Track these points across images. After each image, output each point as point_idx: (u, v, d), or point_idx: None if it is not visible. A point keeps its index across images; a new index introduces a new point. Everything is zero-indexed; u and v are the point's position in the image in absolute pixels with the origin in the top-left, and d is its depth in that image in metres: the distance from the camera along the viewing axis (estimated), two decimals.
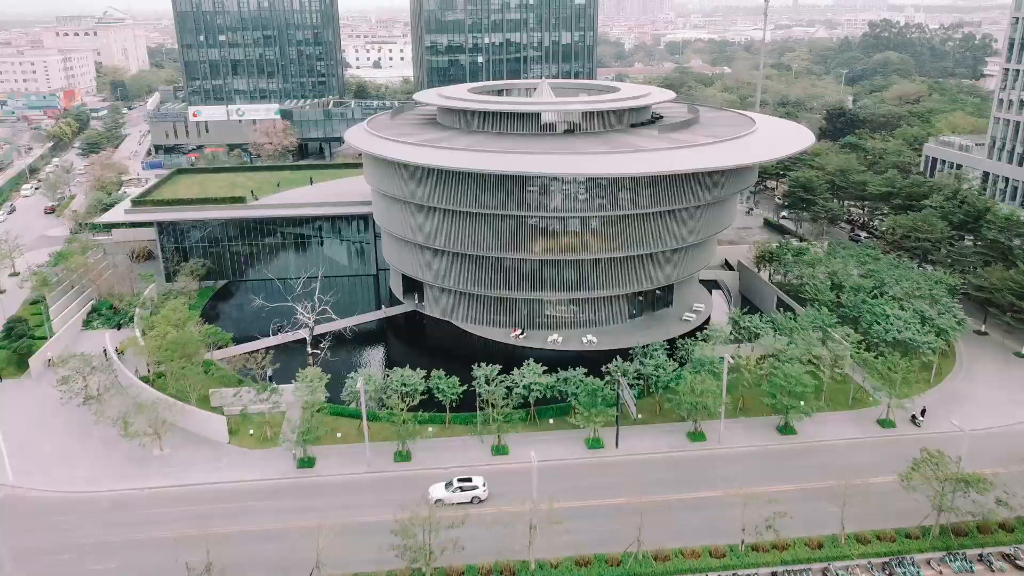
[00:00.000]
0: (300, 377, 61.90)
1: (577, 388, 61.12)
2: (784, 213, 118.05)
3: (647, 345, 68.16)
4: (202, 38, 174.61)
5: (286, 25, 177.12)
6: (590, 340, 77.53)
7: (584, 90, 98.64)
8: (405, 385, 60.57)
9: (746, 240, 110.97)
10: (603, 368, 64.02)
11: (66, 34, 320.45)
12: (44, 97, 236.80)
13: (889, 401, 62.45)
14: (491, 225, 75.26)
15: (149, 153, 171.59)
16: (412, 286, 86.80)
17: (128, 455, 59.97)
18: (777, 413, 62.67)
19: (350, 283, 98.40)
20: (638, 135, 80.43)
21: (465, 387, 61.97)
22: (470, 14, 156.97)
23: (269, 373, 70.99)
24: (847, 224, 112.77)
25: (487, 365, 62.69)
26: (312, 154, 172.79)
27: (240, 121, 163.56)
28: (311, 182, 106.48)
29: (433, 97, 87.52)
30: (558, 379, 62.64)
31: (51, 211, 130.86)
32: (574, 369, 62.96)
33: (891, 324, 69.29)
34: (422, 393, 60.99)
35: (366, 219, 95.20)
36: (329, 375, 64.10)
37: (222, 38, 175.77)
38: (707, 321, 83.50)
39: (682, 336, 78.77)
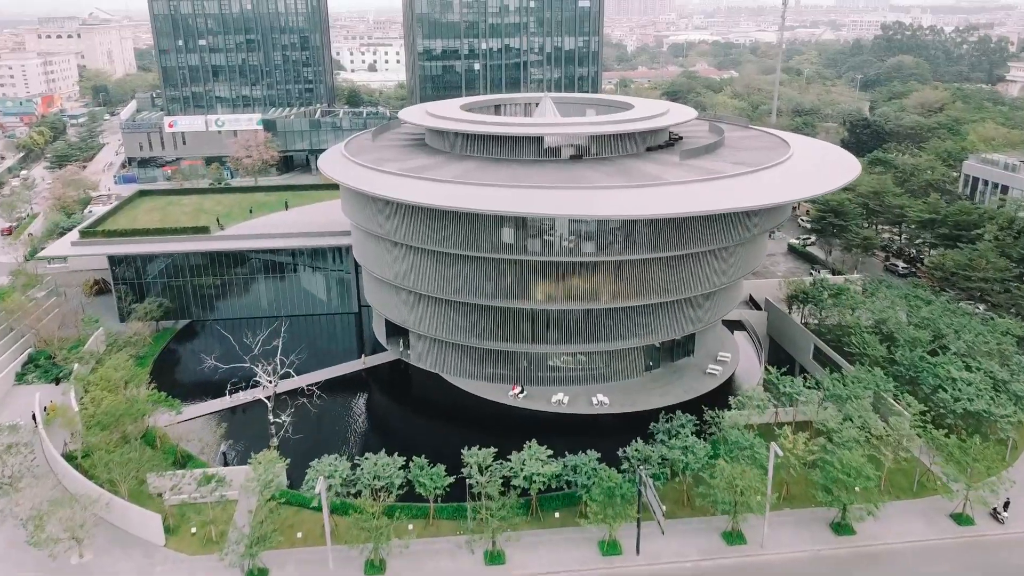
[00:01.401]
0: (253, 463, 50.99)
1: (589, 479, 50.20)
2: (811, 238, 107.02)
3: (669, 416, 57.24)
4: (180, 42, 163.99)
5: (270, 28, 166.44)
6: (601, 401, 66.58)
7: (591, 106, 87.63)
8: (378, 479, 49.60)
9: (769, 269, 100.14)
10: (620, 452, 53.09)
11: (48, 36, 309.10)
12: (20, 103, 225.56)
13: (966, 492, 51.61)
14: (486, 269, 64.40)
15: (124, 166, 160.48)
16: (397, 329, 75.81)
17: (40, 562, 48.99)
18: (830, 505, 51.78)
19: (328, 322, 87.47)
20: (656, 162, 69.47)
21: (454, 478, 50.95)
22: (466, 17, 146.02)
23: (223, 448, 60.22)
24: (881, 251, 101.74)
25: (480, 449, 51.63)
26: (298, 166, 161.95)
27: (219, 132, 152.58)
28: (286, 207, 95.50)
29: (420, 116, 76.52)
30: (565, 467, 51.70)
31: (8, 232, 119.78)
32: (581, 438, 52.40)
33: (959, 391, 58.38)
34: (400, 487, 50.02)
35: (347, 250, 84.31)
36: (288, 459, 53.30)
37: (202, 42, 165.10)
38: (734, 374, 72.83)
39: (708, 395, 68.36)
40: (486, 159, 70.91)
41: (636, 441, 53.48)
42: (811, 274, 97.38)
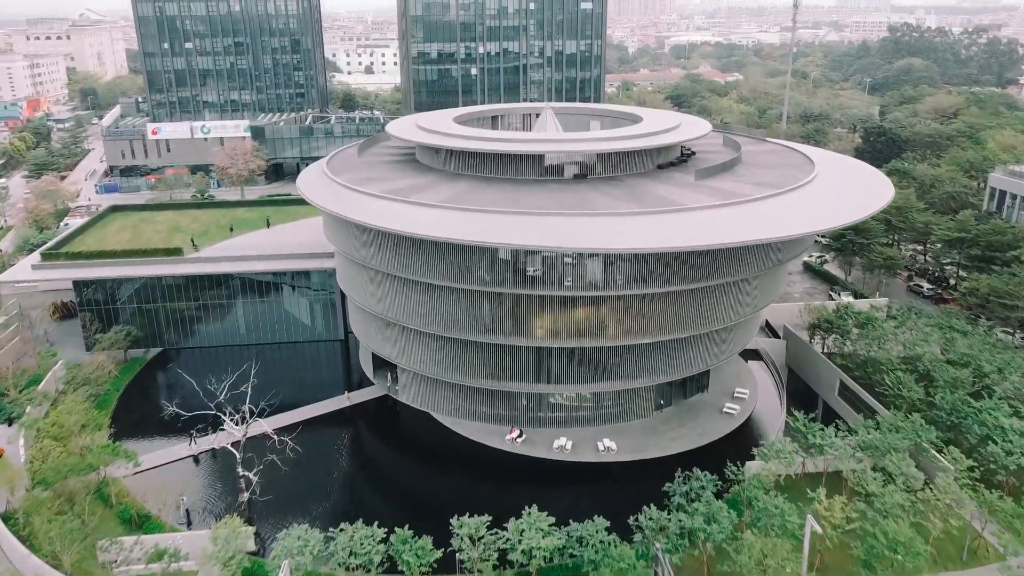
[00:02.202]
0: (214, 533, 44.62)
1: (597, 554, 43.84)
2: (826, 257, 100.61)
3: (687, 475, 50.84)
4: (166, 45, 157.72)
5: (260, 31, 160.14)
6: (608, 447, 60.13)
7: (595, 117, 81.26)
8: (355, 555, 43.19)
9: (786, 290, 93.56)
10: (632, 521, 46.71)
11: (38, 37, 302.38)
12: (5, 107, 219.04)
13: None
14: (481, 302, 58.02)
15: (107, 175, 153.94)
16: (385, 361, 69.35)
17: None
18: None
19: (312, 351, 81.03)
20: (669, 182, 63.07)
21: (442, 551, 44.55)
22: (462, 20, 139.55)
23: (184, 504, 53.79)
24: (904, 270, 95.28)
25: (471, 517, 45.24)
26: (288, 174, 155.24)
27: (206, 139, 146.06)
28: (268, 225, 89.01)
29: (409, 130, 70.05)
30: (569, 537, 45.32)
31: None
32: (587, 490, 47.01)
33: (1011, 442, 51.99)
34: (380, 564, 43.62)
35: (332, 273, 77.89)
36: (255, 526, 46.99)
37: (189, 45, 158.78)
38: (753, 413, 66.50)
39: (726, 439, 62.02)
40: (481, 178, 64.53)
41: (649, 508, 46.98)
42: (831, 296, 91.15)
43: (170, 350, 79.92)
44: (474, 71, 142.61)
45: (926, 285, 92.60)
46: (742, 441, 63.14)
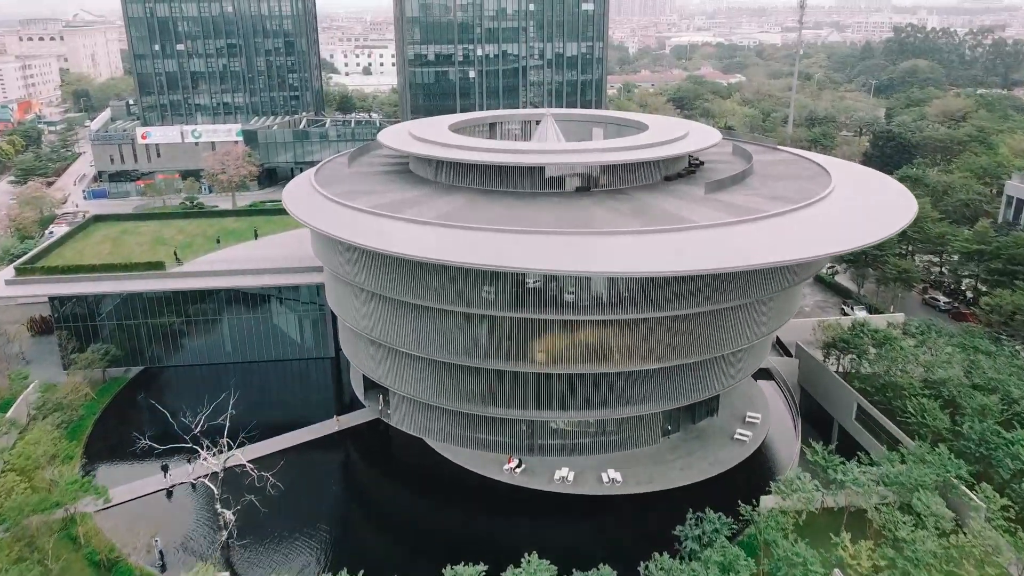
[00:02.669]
0: None
1: None
2: (837, 268, 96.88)
3: (699, 517, 47.08)
4: (157, 47, 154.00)
5: (253, 32, 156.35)
6: (612, 479, 56.40)
7: (598, 124, 77.57)
8: None
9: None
10: (642, 569, 42.98)
11: (31, 38, 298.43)
12: None
13: None
14: (476, 326, 54.32)
15: (96, 180, 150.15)
16: (377, 383, 65.62)
17: None
18: None
19: (301, 369, 77.30)
20: (677, 195, 59.35)
21: None
22: (460, 21, 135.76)
23: (158, 546, 50.05)
24: (920, 282, 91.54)
25: (465, 566, 41.50)
26: (282, 179, 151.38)
27: (196, 144, 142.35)
28: (256, 235, 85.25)
29: (402, 140, 66.32)
30: None
31: None
32: (590, 526, 45.19)
33: None
34: None
35: (321, 287, 74.16)
36: (229, 573, 43.26)
37: (180, 47, 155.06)
38: (766, 439, 62.81)
39: (738, 468, 58.37)
40: (478, 191, 60.83)
41: (661, 555, 43.22)
42: (843, 311, 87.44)
43: (152, 368, 76.16)
44: (472, 74, 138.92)
45: (942, 298, 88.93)
46: (755, 470, 59.61)
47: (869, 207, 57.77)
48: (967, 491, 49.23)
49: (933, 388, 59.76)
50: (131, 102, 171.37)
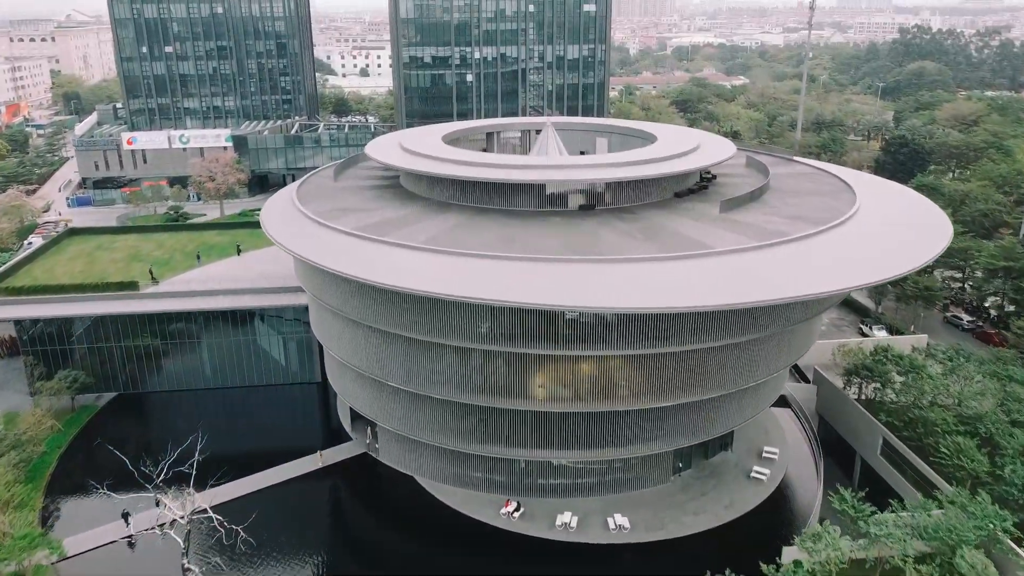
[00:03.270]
0: None
1: None
2: None
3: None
4: (145, 49, 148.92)
5: (244, 34, 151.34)
6: (620, 525, 51.56)
7: (602, 134, 72.78)
8: None
9: None
10: None
11: (21, 39, 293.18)
12: None
13: None
14: (470, 360, 49.48)
15: (81, 187, 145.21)
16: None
17: None
18: None
19: (285, 395, 72.41)
20: (690, 215, 54.51)
21: None
22: (457, 23, 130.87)
23: None
24: (942, 299, 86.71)
25: None
26: (274, 186, 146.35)
27: (184, 150, 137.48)
28: (239, 251, 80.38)
29: (392, 153, 61.43)
30: None
31: None
32: None
33: None
34: None
35: (307, 308, 69.33)
36: None
37: (169, 49, 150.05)
38: (785, 477, 58.02)
39: (756, 512, 53.60)
40: (473, 209, 56.01)
41: None
42: (861, 330, 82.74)
43: (127, 395, 71.32)
44: (469, 77, 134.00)
45: (965, 317, 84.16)
46: (775, 514, 54.84)
47: (900, 227, 52.92)
48: (1015, 547, 44.46)
49: (968, 424, 54.95)
50: (118, 106, 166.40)
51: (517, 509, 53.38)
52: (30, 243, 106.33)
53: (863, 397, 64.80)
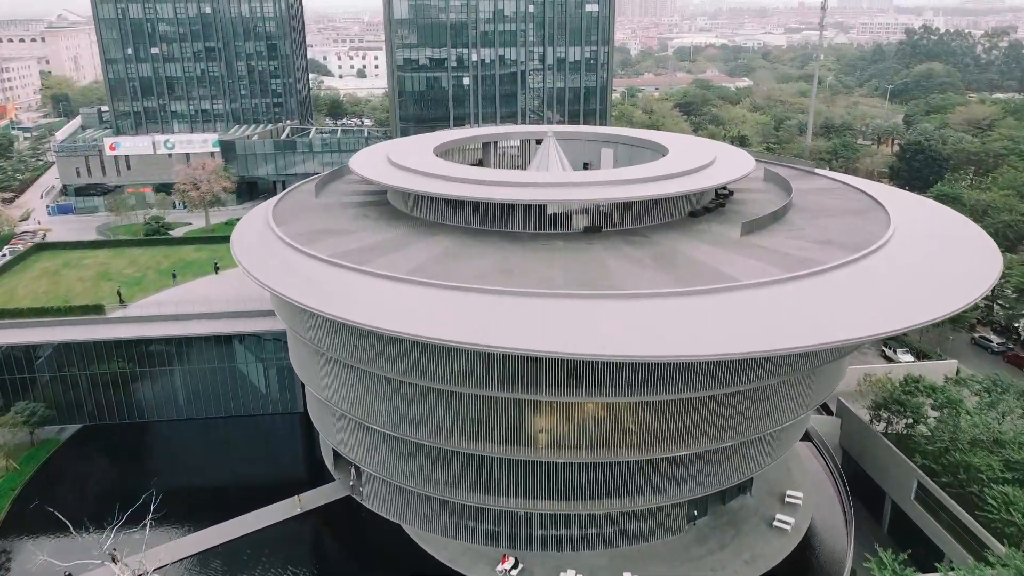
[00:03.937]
0: None
1: None
2: None
3: None
4: (130, 51, 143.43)
5: (234, 35, 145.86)
6: None
7: (608, 144, 67.37)
8: None
9: None
10: None
11: (10, 40, 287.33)
12: None
13: None
14: (462, 405, 44.06)
15: (63, 193, 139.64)
16: None
17: None
18: None
19: (264, 428, 67.02)
20: (706, 239, 49.10)
21: None
22: (453, 24, 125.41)
23: None
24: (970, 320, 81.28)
25: None
26: (264, 192, 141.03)
27: (170, 155, 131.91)
28: (216, 270, 74.95)
29: (378, 168, 55.95)
30: None
31: None
32: None
33: None
34: None
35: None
36: None
37: (155, 51, 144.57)
38: (811, 526, 52.62)
39: (780, 568, 48.21)
40: (466, 231, 50.61)
41: None
42: (884, 353, 77.33)
43: (92, 427, 65.87)
44: (467, 80, 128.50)
45: (995, 339, 78.76)
46: (801, 570, 49.46)
47: (942, 254, 47.50)
48: None
49: (1016, 470, 49.48)
50: (103, 109, 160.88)
51: (515, 566, 47.95)
52: (4, 255, 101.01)
53: (891, 430, 59.34)
